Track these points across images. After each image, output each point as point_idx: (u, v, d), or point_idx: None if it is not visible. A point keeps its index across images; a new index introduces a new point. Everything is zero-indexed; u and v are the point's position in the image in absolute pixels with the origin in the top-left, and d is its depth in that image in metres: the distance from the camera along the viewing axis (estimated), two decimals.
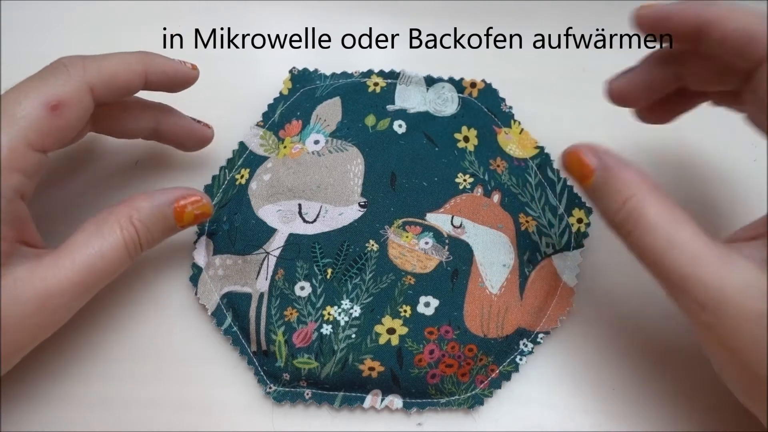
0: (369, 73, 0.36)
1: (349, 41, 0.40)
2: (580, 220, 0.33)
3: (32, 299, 0.23)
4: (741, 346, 0.22)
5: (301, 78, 0.36)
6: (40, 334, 0.25)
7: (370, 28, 0.40)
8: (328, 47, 0.40)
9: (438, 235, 0.32)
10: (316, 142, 0.33)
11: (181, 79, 0.30)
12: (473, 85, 0.36)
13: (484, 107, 0.36)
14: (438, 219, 0.32)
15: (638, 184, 0.24)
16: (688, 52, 0.27)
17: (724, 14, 0.24)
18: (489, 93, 0.36)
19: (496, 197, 0.33)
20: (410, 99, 0.35)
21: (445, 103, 0.35)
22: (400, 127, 0.34)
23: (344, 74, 0.36)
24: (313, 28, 0.40)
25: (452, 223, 0.32)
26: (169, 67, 0.29)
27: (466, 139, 0.34)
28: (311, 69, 0.37)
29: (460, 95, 0.36)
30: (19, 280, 0.23)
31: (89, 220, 0.26)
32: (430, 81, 0.36)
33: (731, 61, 0.25)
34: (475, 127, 0.35)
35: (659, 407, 0.30)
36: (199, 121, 0.33)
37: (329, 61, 0.38)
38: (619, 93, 0.29)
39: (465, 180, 0.33)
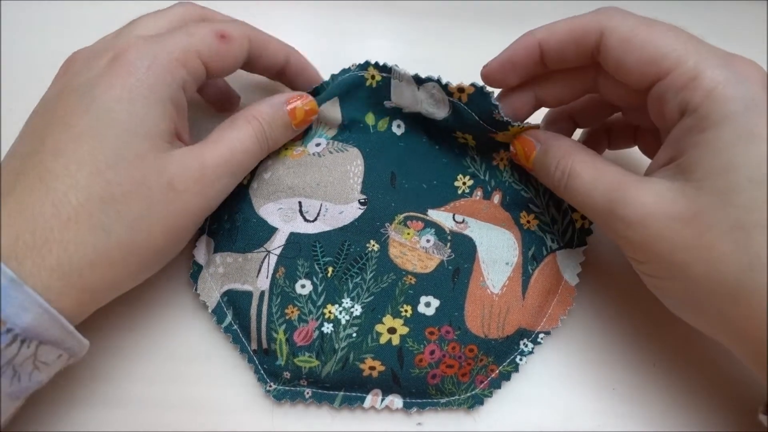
0: (366, 65, 0.33)
1: (349, 41, 0.40)
2: (584, 216, 0.32)
3: (195, 167, 0.27)
4: (668, 251, 0.24)
5: None
6: (201, 203, 0.28)
7: (370, 29, 0.40)
8: (328, 47, 0.40)
9: (440, 231, 0.32)
10: (318, 144, 0.33)
11: (301, 84, 0.34)
12: (461, 90, 0.30)
13: (475, 114, 0.31)
14: (440, 215, 0.32)
15: (568, 147, 0.29)
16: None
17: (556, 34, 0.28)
18: (480, 98, 0.30)
19: (496, 198, 0.33)
20: (404, 96, 0.32)
21: (437, 104, 0.32)
22: (398, 127, 0.34)
23: (342, 71, 0.33)
24: (314, 28, 0.40)
25: (454, 219, 0.32)
26: (307, 69, 0.34)
27: (464, 138, 0.33)
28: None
29: (451, 99, 0.31)
30: (183, 153, 0.27)
31: (221, 124, 0.30)
32: (419, 80, 0.31)
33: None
34: (471, 133, 0.33)
35: (659, 407, 0.30)
36: None
37: (329, 61, 0.38)
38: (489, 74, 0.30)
39: (464, 183, 0.33)
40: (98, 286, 0.25)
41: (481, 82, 0.30)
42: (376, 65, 0.32)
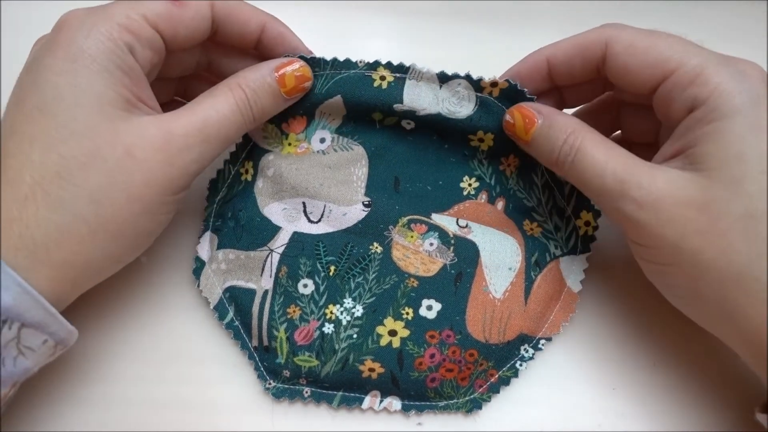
0: (375, 65, 0.30)
1: (350, 41, 0.40)
2: (587, 223, 0.31)
3: (157, 135, 0.26)
4: (679, 235, 0.25)
5: None
6: (169, 172, 0.26)
7: (371, 29, 0.40)
8: (329, 47, 0.39)
9: (443, 235, 0.32)
10: (322, 140, 0.32)
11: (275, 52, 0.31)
12: (494, 84, 0.30)
13: (505, 108, 0.30)
14: (443, 219, 0.32)
15: (576, 124, 0.28)
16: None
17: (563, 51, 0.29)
18: (513, 93, 0.30)
19: (500, 204, 0.32)
20: (421, 98, 0.30)
21: (461, 102, 0.30)
22: (408, 124, 0.32)
23: (347, 62, 0.30)
24: (314, 28, 0.40)
25: (458, 224, 0.32)
26: (288, 40, 0.31)
27: (481, 140, 0.32)
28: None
29: (479, 94, 0.30)
30: (144, 121, 0.26)
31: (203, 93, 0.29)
32: (443, 78, 0.30)
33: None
34: (493, 132, 0.31)
35: (659, 407, 0.30)
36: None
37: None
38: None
39: (470, 185, 0.33)
40: (70, 262, 0.25)
41: (514, 80, 0.30)
42: (389, 65, 0.30)
